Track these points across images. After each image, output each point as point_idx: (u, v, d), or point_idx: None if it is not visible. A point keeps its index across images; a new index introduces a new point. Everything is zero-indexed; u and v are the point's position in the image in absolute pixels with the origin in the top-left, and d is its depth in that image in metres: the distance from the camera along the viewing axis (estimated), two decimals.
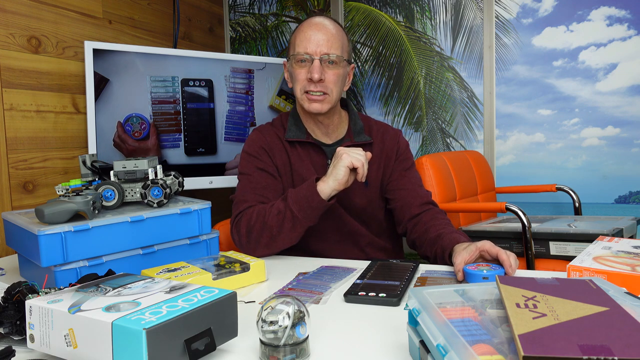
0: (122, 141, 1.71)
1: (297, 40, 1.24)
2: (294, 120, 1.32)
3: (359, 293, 0.87)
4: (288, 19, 2.58)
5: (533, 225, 1.66)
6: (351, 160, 1.10)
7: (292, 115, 1.34)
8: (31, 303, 0.65)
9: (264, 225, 1.15)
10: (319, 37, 1.22)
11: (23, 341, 0.70)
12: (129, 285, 0.72)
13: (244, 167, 1.31)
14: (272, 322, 0.62)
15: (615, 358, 0.42)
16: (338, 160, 1.11)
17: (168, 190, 1.09)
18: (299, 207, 1.12)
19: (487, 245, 0.95)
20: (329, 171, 1.14)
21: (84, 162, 1.18)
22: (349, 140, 1.31)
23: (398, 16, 2.38)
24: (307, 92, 1.24)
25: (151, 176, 1.11)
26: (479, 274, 0.88)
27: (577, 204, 2.01)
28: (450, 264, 1.02)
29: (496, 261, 0.94)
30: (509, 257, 0.91)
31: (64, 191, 1.06)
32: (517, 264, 0.93)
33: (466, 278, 0.91)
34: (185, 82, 1.85)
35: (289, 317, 0.62)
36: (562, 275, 0.92)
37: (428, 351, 0.54)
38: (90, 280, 0.78)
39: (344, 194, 1.29)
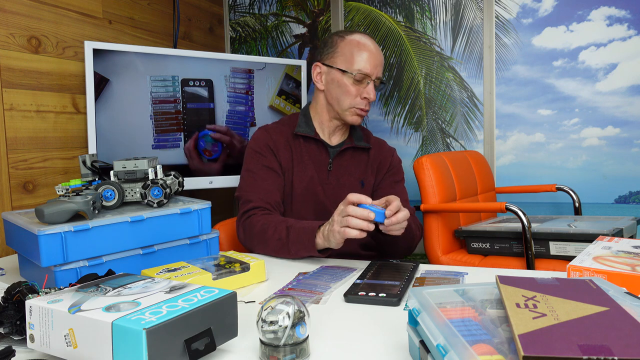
0: (190, 156, 1.79)
1: (355, 57, 1.31)
2: (305, 119, 1.40)
3: (359, 293, 0.87)
4: (288, 19, 2.58)
5: (533, 225, 1.66)
6: (345, 231, 1.02)
7: (304, 114, 1.42)
8: (31, 303, 0.65)
9: (265, 242, 1.20)
10: (377, 60, 1.32)
11: (23, 341, 0.70)
12: (129, 285, 0.72)
13: (249, 164, 1.36)
14: (272, 322, 0.62)
15: (615, 358, 0.42)
16: (335, 226, 1.05)
17: (168, 190, 1.08)
18: (297, 249, 1.14)
19: (391, 197, 1.03)
20: (327, 229, 1.08)
21: (84, 162, 1.18)
22: (350, 143, 1.39)
23: (398, 16, 2.38)
24: (356, 107, 1.33)
25: (151, 176, 1.11)
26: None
27: (577, 204, 2.01)
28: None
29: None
30: (395, 207, 0.99)
31: (64, 191, 1.06)
32: (401, 217, 1.00)
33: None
34: (185, 82, 1.85)
35: (289, 317, 0.62)
36: (562, 275, 0.92)
37: (428, 351, 0.54)
38: (90, 280, 0.78)
39: (340, 193, 1.34)
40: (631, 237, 1.63)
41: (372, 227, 1.00)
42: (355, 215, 1.00)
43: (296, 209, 1.34)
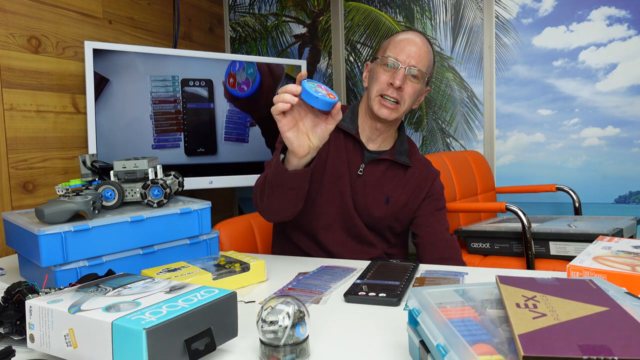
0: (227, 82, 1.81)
1: (389, 46, 1.27)
2: (351, 114, 1.33)
3: (359, 293, 0.87)
4: (288, 19, 2.58)
5: (533, 225, 1.66)
6: (275, 106, 0.95)
7: (352, 109, 1.35)
8: (31, 303, 0.65)
9: (262, 187, 1.14)
10: (411, 49, 1.24)
11: (23, 341, 0.70)
12: (129, 285, 0.72)
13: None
14: (272, 322, 0.62)
15: (615, 358, 0.42)
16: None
17: (168, 190, 1.09)
18: (272, 175, 1.08)
19: None
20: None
21: (84, 162, 1.18)
22: (389, 155, 1.31)
23: (398, 16, 2.38)
24: (382, 95, 1.25)
25: (151, 176, 1.11)
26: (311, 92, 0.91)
27: (577, 204, 2.01)
28: None
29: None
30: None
31: (64, 191, 1.06)
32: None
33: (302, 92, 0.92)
34: (185, 82, 1.85)
35: (289, 317, 0.62)
36: (562, 275, 0.92)
37: (428, 351, 0.54)
38: (90, 280, 0.78)
39: (363, 202, 1.29)
40: (631, 237, 1.63)
41: (294, 100, 0.93)
42: (283, 90, 0.94)
43: (322, 199, 1.28)
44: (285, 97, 0.93)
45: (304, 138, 0.98)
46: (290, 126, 0.97)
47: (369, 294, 0.86)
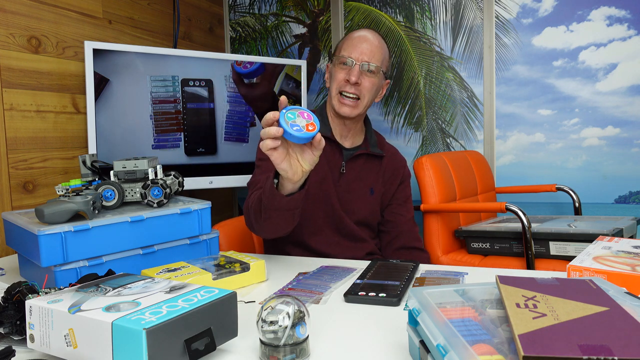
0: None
1: (343, 45, 1.32)
2: (321, 117, 1.35)
3: (359, 293, 0.87)
4: (288, 19, 2.58)
5: (533, 225, 1.66)
6: (264, 143, 0.93)
7: (320, 113, 1.37)
8: (31, 303, 0.65)
9: (256, 210, 1.12)
10: (364, 46, 1.30)
11: (23, 341, 0.70)
12: (129, 285, 0.72)
13: (262, 153, 1.27)
14: (272, 322, 0.62)
15: (615, 358, 0.42)
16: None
17: (168, 190, 1.08)
18: (267, 200, 1.06)
19: None
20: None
21: (84, 162, 1.18)
22: (364, 149, 1.36)
23: (398, 16, 2.38)
24: (341, 92, 1.29)
25: (151, 176, 1.11)
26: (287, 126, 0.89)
27: (577, 204, 2.01)
28: None
29: None
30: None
31: (64, 191, 1.06)
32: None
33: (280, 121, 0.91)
34: (185, 82, 1.85)
35: (289, 317, 0.62)
36: (562, 275, 0.92)
37: (428, 351, 0.54)
38: (90, 280, 0.78)
39: (349, 198, 1.30)
40: (631, 237, 1.63)
41: (280, 132, 0.90)
42: (265, 122, 0.93)
43: (307, 207, 1.28)
44: (270, 132, 0.91)
45: (297, 165, 0.97)
46: (282, 157, 0.95)
47: (369, 294, 0.86)
